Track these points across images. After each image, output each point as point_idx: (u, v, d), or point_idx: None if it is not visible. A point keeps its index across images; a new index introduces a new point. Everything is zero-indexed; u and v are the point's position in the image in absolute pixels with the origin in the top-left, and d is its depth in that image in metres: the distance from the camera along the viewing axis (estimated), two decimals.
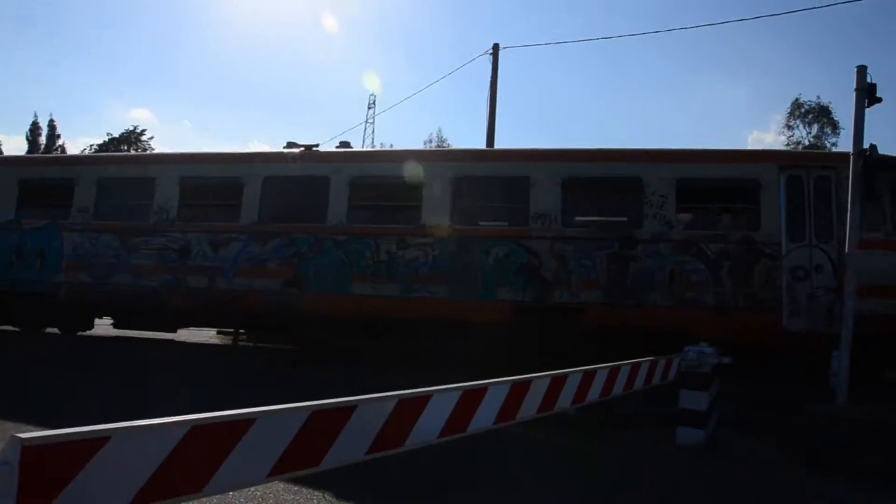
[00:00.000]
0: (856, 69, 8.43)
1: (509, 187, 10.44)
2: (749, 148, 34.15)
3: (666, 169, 9.91)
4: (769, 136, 62.55)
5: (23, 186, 12.50)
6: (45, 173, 12.95)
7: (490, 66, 20.67)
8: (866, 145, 8.45)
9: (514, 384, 3.60)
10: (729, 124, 70.13)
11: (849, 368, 8.15)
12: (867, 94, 8.23)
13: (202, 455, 2.14)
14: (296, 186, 11.31)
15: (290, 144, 12.00)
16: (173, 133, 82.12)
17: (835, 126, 34.83)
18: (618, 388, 4.76)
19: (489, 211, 10.71)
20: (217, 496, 2.83)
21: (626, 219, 9.99)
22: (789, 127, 36.99)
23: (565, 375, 3.99)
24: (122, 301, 11.88)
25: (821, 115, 35.80)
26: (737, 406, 8.62)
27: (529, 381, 3.75)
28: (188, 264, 11.27)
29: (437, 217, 10.39)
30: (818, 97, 36.57)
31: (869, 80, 8.26)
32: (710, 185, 10.01)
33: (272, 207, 11.15)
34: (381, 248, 10.38)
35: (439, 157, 11.44)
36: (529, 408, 3.76)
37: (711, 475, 5.84)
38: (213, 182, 11.65)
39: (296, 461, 2.48)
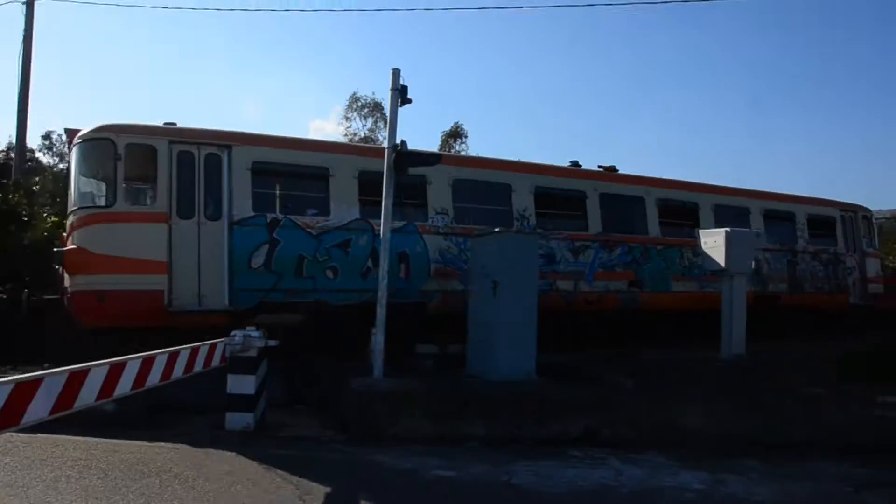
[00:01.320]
0: (391, 71, 9.36)
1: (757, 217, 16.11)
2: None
3: (802, 209, 16.72)
4: (330, 125, 66.74)
5: (364, 180, 11.61)
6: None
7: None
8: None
9: (18, 383, 3.29)
10: (293, 112, 72.70)
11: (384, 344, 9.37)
12: (400, 95, 9.37)
13: None
14: (621, 202, 14.41)
15: (574, 163, 14.80)
16: None
17: (386, 121, 38.01)
18: (153, 379, 4.71)
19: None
20: None
21: (789, 238, 16.46)
22: (347, 118, 39.76)
23: (86, 370, 3.80)
24: None
25: (375, 110, 39.10)
26: (289, 385, 9.30)
27: (40, 378, 3.48)
28: (557, 269, 13.05)
29: None
30: (373, 93, 39.63)
31: (402, 82, 9.33)
32: (819, 219, 16.97)
33: (607, 219, 13.90)
34: (685, 255, 14.53)
35: (704, 189, 15.56)
36: (40, 408, 3.49)
37: (260, 458, 6.03)
38: (560, 193, 13.91)
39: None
